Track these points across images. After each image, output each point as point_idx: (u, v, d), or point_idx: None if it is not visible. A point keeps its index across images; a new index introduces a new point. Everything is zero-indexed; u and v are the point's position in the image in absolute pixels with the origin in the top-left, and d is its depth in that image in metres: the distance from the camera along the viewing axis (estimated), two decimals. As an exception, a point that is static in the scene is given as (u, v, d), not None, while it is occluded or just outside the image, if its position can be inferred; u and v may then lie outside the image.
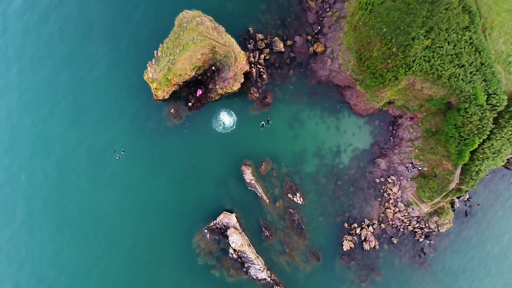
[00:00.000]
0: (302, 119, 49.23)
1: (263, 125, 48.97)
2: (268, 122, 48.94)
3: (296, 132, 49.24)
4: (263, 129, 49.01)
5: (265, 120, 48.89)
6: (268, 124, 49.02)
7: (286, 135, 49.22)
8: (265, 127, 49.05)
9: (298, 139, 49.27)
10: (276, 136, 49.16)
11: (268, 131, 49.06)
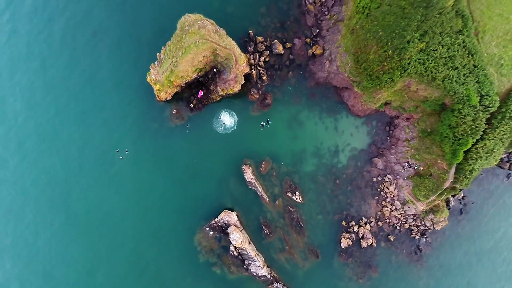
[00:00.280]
0: (301, 119, 50.20)
1: (263, 125, 49.96)
2: (268, 122, 49.95)
3: (296, 132, 50.19)
4: (263, 129, 49.97)
5: (265, 121, 49.86)
6: (268, 124, 50.02)
7: (286, 135, 50.14)
8: (265, 128, 50.01)
9: (297, 139, 50.20)
10: (276, 136, 50.08)
11: (268, 131, 50.00)
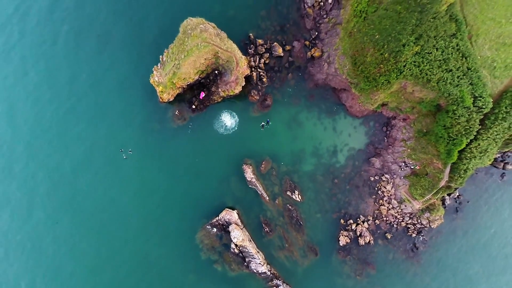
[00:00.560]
0: (301, 120, 51.36)
1: (263, 126, 51.10)
2: (268, 123, 51.09)
3: (295, 133, 51.33)
4: (263, 129, 51.12)
5: (265, 121, 51.00)
6: (268, 125, 51.16)
7: (285, 135, 51.29)
8: (265, 128, 51.15)
9: (296, 139, 51.35)
10: (276, 136, 51.24)
11: (268, 132, 51.16)
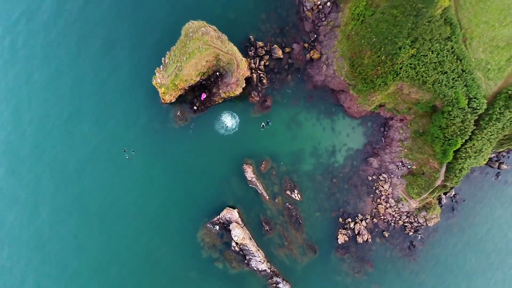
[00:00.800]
0: (300, 120, 52.36)
1: (263, 126, 52.11)
2: (268, 123, 52.09)
3: (294, 133, 52.34)
4: (263, 129, 52.11)
5: (265, 122, 52.01)
6: (268, 125, 52.14)
7: (285, 135, 52.27)
8: (265, 128, 52.12)
9: (296, 139, 52.36)
10: (276, 136, 52.24)
11: (268, 132, 52.14)
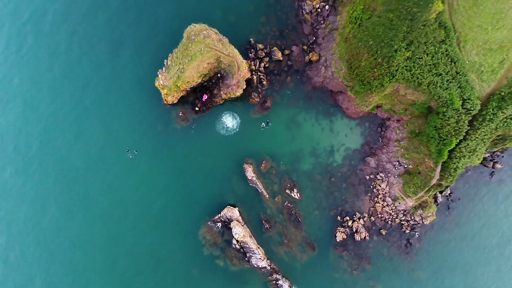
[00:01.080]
0: (299, 121, 53.51)
1: (263, 126, 53.25)
2: (267, 124, 53.25)
3: (294, 133, 53.48)
4: (263, 129, 53.24)
5: (265, 122, 53.16)
6: (267, 125, 53.32)
7: (284, 136, 53.43)
8: (265, 128, 53.29)
9: (295, 139, 53.51)
10: (275, 137, 53.38)
11: (267, 132, 53.30)
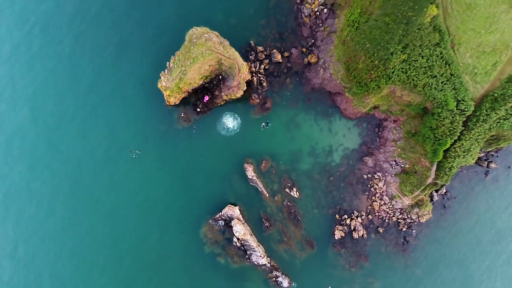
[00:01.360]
0: (298, 122, 54.63)
1: (263, 127, 54.35)
2: (267, 124, 54.37)
3: (293, 134, 54.59)
4: (263, 130, 54.34)
5: (265, 123, 54.26)
6: (267, 126, 54.45)
7: (284, 136, 54.52)
8: (265, 129, 54.39)
9: (294, 139, 54.62)
10: (275, 137, 54.46)
11: (267, 133, 54.38)
